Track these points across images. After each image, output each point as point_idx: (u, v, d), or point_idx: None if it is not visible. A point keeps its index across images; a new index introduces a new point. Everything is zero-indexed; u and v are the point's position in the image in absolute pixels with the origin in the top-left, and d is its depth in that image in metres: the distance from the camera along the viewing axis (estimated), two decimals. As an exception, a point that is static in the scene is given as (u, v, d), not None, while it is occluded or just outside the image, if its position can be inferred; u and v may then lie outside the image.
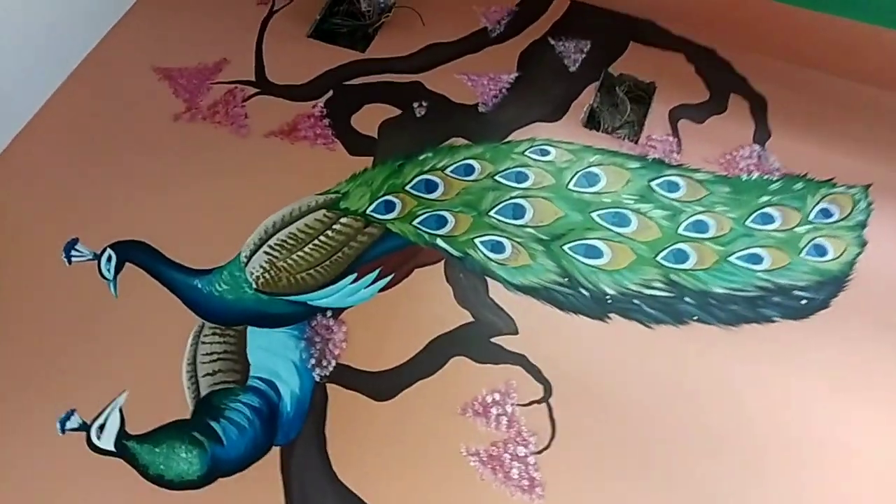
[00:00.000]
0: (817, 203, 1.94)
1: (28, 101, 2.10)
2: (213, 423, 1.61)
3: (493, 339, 1.73)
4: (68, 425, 1.61)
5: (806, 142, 2.07)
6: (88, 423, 1.61)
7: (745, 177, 1.99)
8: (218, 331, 1.73)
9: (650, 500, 1.53)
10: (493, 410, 1.63)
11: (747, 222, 1.91)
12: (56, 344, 1.73)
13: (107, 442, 1.59)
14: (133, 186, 1.98)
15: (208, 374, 1.67)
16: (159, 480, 1.55)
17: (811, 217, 1.92)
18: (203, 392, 1.65)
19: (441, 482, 1.55)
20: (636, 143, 2.07)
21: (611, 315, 1.76)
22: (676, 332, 1.74)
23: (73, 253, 1.85)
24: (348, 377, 1.67)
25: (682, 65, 2.25)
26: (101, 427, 1.60)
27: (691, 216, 1.91)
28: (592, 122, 2.14)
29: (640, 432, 1.61)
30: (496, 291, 1.80)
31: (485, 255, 1.85)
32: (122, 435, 1.59)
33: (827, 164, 2.01)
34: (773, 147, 2.05)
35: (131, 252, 1.85)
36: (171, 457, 1.57)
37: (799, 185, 1.98)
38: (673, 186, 1.97)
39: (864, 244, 1.87)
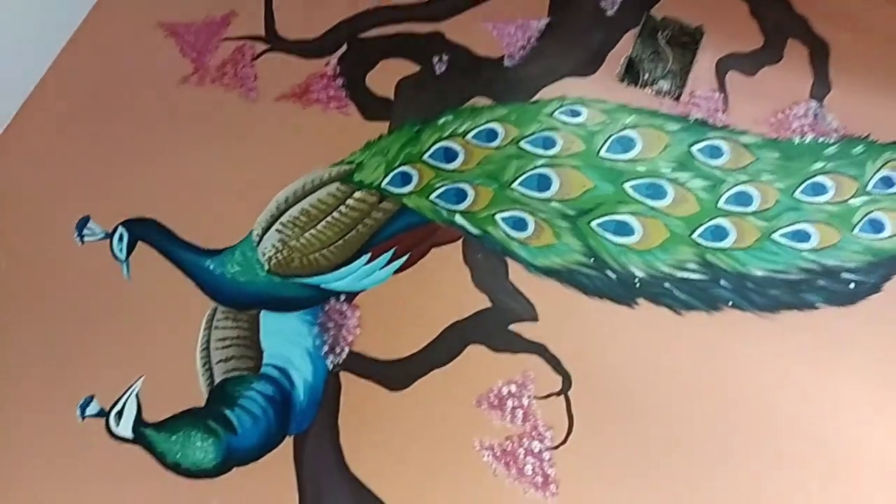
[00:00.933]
0: (878, 170, 1.75)
1: (28, 71, 2.02)
2: (227, 412, 1.60)
3: (511, 327, 1.65)
4: (88, 411, 1.63)
5: (871, 96, 1.84)
6: (107, 409, 1.63)
7: (797, 139, 1.80)
8: (231, 315, 1.70)
9: (671, 502, 1.47)
10: (509, 403, 1.57)
11: (796, 193, 1.73)
12: (74, 327, 1.73)
13: (124, 429, 1.60)
14: (142, 159, 1.91)
15: (222, 361, 1.65)
16: (176, 468, 1.57)
17: (869, 187, 1.73)
18: (217, 379, 1.64)
19: (453, 476, 1.52)
20: (678, 100, 1.88)
21: (638, 300, 1.66)
22: (708, 319, 1.63)
23: (86, 232, 1.81)
24: (361, 365, 1.63)
25: (736, 4, 2.01)
26: (119, 414, 1.61)
27: (733, 186, 1.75)
28: (630, 74, 1.95)
29: (662, 428, 1.54)
30: (516, 274, 1.70)
31: (506, 232, 1.74)
32: (139, 422, 1.61)
33: (894, 124, 1.79)
34: (832, 103, 1.84)
35: (143, 231, 1.80)
36: (188, 445, 1.58)
37: (859, 149, 1.78)
38: (716, 152, 1.80)
39: (927, 219, 1.69)
